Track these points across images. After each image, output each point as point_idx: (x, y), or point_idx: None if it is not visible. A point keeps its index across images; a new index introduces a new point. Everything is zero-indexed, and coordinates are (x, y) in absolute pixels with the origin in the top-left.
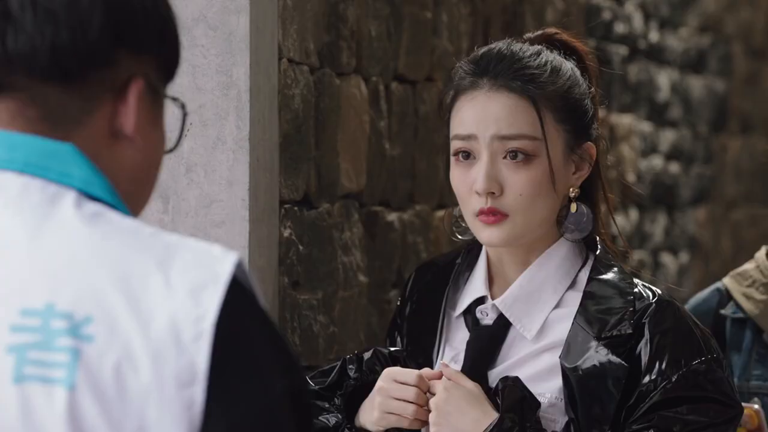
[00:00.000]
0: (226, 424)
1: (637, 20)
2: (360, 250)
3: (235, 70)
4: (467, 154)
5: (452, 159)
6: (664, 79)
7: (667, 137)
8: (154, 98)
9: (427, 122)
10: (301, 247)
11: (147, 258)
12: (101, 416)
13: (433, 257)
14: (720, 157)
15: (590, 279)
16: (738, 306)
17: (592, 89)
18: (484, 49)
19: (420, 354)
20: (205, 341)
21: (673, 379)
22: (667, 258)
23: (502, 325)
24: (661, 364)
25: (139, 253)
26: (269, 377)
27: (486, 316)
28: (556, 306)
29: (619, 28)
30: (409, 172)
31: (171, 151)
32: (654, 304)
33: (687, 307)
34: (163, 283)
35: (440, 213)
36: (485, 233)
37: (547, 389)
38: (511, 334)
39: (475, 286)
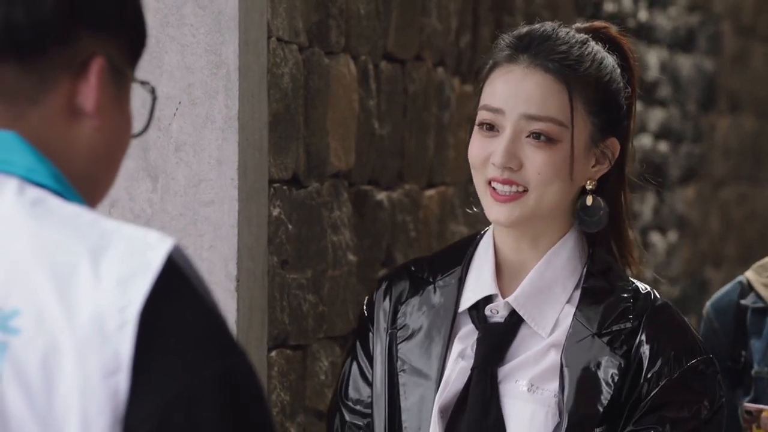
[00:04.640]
0: (147, 409)
1: None
2: (349, 229)
3: (224, 48)
4: (491, 127)
5: (475, 128)
6: (653, 58)
7: (656, 116)
8: (118, 79)
9: (417, 101)
10: (290, 226)
11: (80, 247)
12: (27, 409)
13: (403, 265)
14: (709, 135)
15: (588, 275)
16: (758, 296)
17: (629, 89)
18: (531, 26)
19: (424, 363)
20: (129, 329)
21: (674, 377)
22: (655, 237)
23: (514, 321)
24: (662, 363)
25: (74, 241)
26: (197, 363)
27: (496, 313)
28: (567, 302)
29: (609, 6)
30: (398, 151)
31: (138, 135)
32: (651, 304)
33: (711, 300)
34: (93, 274)
35: (429, 192)
36: (495, 210)
37: (555, 387)
38: (522, 331)
39: (482, 281)
